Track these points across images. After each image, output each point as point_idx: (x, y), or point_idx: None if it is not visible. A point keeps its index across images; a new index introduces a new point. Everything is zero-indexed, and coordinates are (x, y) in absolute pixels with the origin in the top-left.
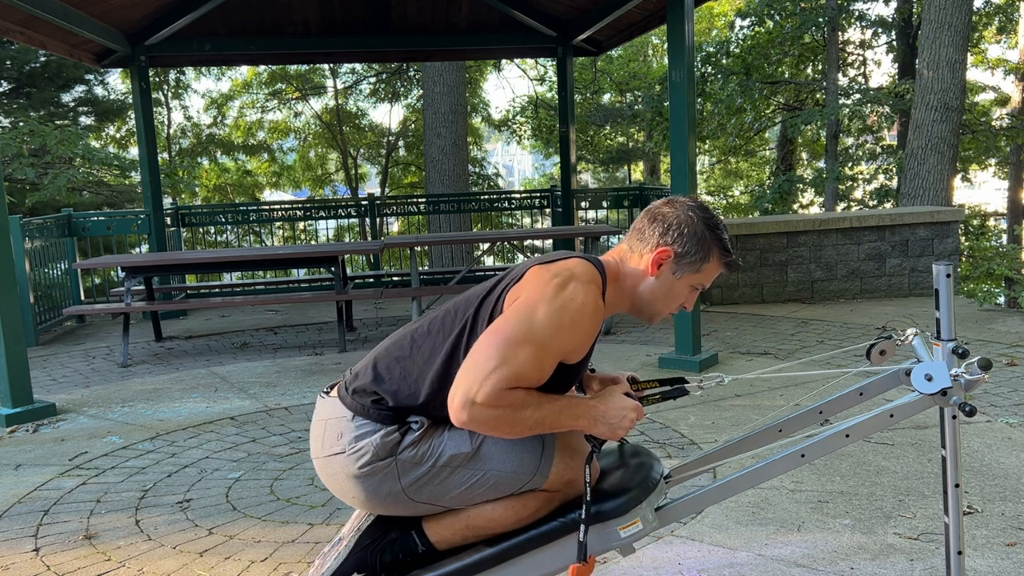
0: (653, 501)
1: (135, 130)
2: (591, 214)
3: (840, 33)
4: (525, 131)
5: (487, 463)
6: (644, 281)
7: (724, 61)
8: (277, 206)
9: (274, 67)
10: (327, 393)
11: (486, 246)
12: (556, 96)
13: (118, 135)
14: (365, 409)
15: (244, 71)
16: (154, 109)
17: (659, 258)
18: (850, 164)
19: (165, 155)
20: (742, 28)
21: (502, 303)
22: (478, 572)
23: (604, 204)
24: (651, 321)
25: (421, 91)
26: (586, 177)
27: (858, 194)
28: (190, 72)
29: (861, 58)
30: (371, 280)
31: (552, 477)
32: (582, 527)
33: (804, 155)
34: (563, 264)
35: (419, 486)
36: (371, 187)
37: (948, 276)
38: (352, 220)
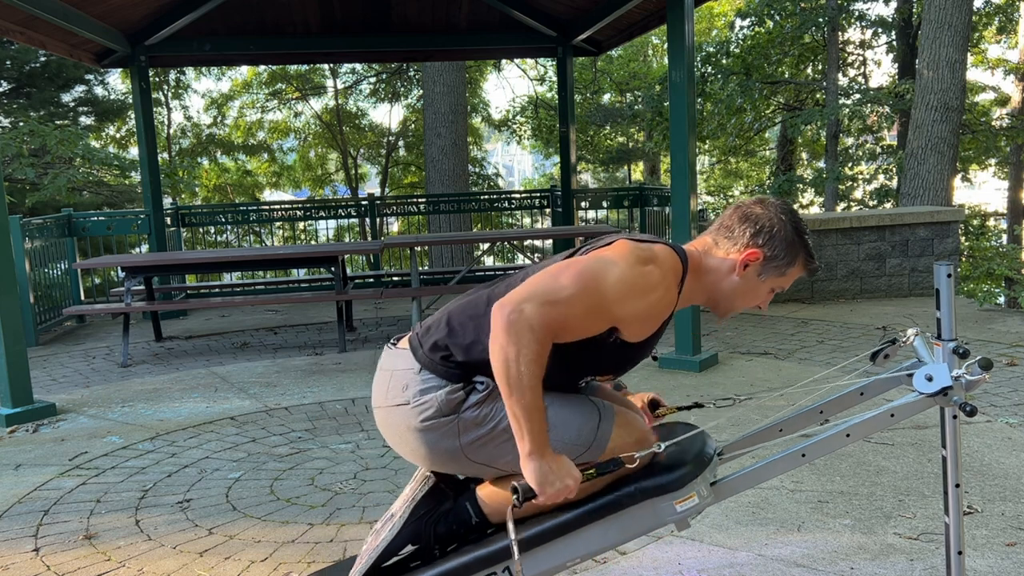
0: (708, 476)
1: (135, 130)
2: (591, 214)
3: (840, 33)
4: (525, 131)
5: (550, 431)
6: (728, 279)
7: (724, 61)
8: (277, 206)
9: (274, 67)
10: (395, 344)
11: (486, 246)
12: (556, 96)
13: (118, 135)
14: (433, 364)
15: (244, 71)
16: (154, 109)
17: (748, 259)
18: (850, 164)
19: (165, 155)
20: (742, 28)
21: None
22: (532, 547)
23: (604, 204)
24: (723, 315)
25: (421, 91)
26: (586, 177)
27: (858, 194)
28: (190, 72)
29: (861, 58)
30: (371, 280)
31: (608, 449)
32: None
33: (804, 155)
34: (651, 246)
35: (477, 447)
36: (371, 187)
37: (949, 276)
38: (352, 220)
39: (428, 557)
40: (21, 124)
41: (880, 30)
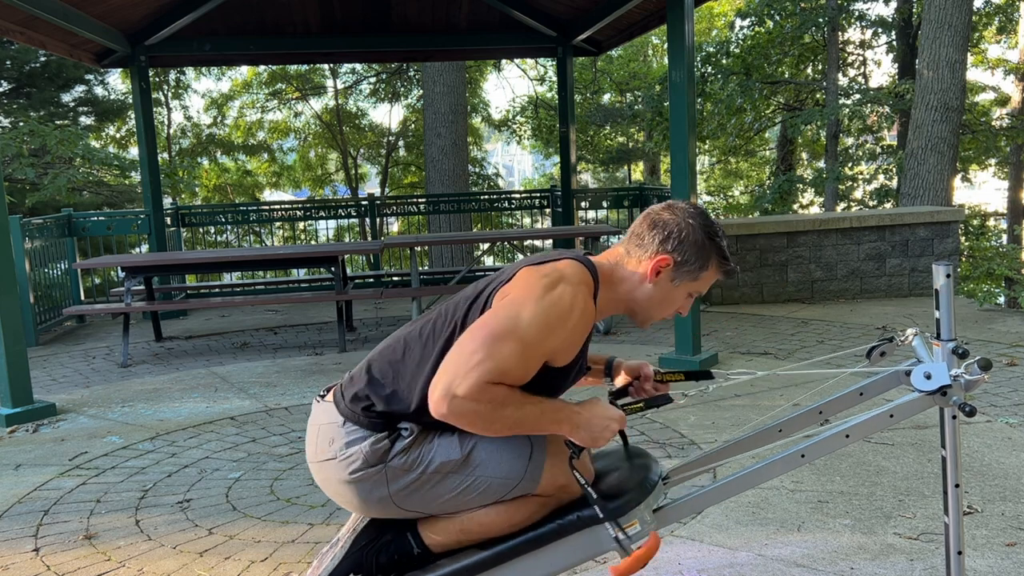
0: (651, 503)
1: (135, 130)
2: (591, 214)
3: (840, 33)
4: (525, 131)
5: (477, 469)
6: (641, 287)
7: (724, 61)
8: (277, 206)
9: (274, 67)
10: (323, 397)
11: (486, 246)
12: (556, 96)
13: (118, 135)
14: (356, 415)
15: (244, 71)
16: (154, 109)
17: (658, 265)
18: (850, 164)
19: (165, 155)
20: (742, 28)
21: (490, 304)
22: (475, 574)
23: (604, 204)
24: (643, 325)
25: (421, 91)
26: (586, 177)
27: (858, 194)
28: (190, 72)
29: (861, 58)
30: (371, 280)
31: (543, 482)
32: (607, 525)
33: (804, 155)
34: (553, 265)
35: (409, 492)
36: (371, 187)
37: (948, 276)
38: (352, 220)
39: None
40: (21, 124)
41: (880, 30)
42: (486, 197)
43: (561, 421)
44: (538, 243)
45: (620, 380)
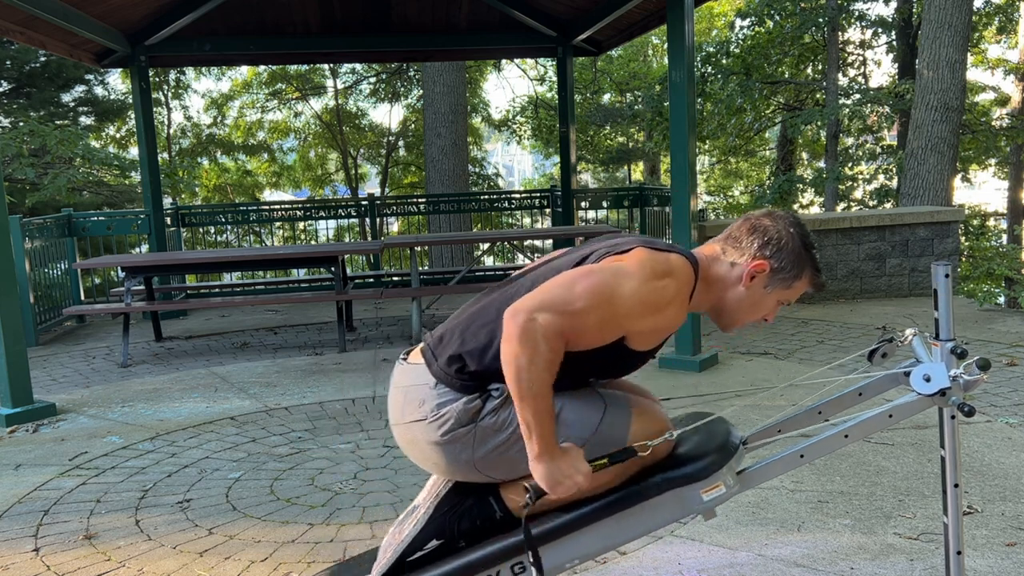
0: (734, 465)
1: (135, 130)
2: (591, 214)
3: (840, 33)
4: (525, 131)
5: (564, 430)
6: (733, 290)
7: (724, 61)
8: (277, 206)
9: (274, 67)
10: (405, 359)
11: (486, 246)
12: (556, 96)
13: (118, 135)
14: (448, 377)
15: (244, 71)
16: (154, 109)
17: (755, 270)
18: (850, 164)
19: (165, 155)
20: (742, 28)
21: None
22: (558, 537)
23: (604, 204)
24: (727, 328)
25: (421, 91)
26: (586, 177)
27: (858, 194)
28: (190, 72)
29: (861, 58)
30: (371, 280)
31: (630, 442)
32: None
33: (804, 155)
34: (667, 256)
35: (499, 453)
36: (371, 187)
37: (947, 276)
38: (352, 220)
39: (453, 551)
40: (21, 124)
41: (880, 30)
42: (486, 197)
43: (546, 437)
44: (538, 243)
45: None
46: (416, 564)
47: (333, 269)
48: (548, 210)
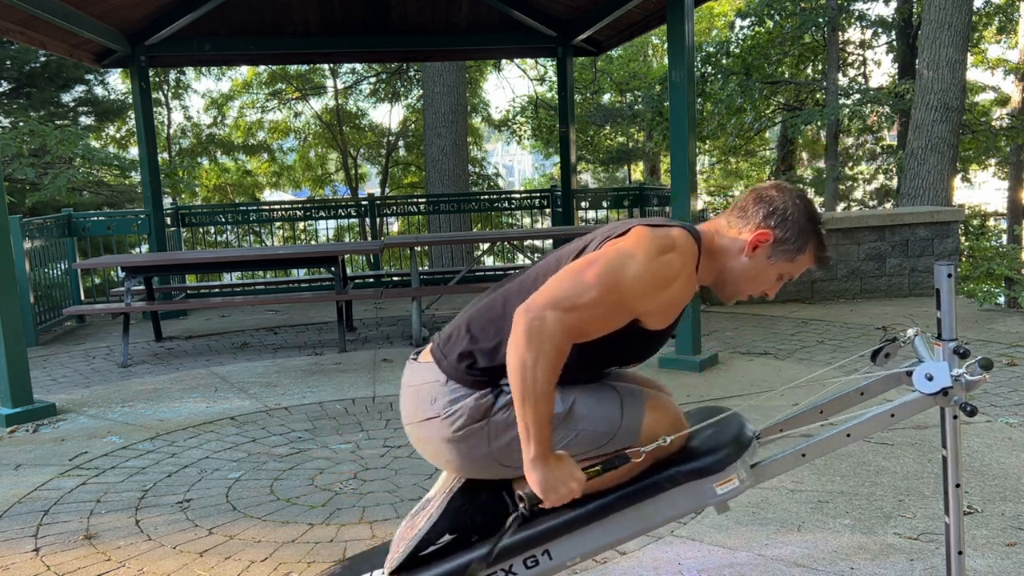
0: (747, 459)
1: (135, 130)
2: (591, 214)
3: (840, 33)
4: (525, 131)
5: (579, 423)
6: (737, 259)
7: (724, 61)
8: (277, 206)
9: (274, 67)
10: (415, 359)
11: (486, 246)
12: (556, 96)
13: (118, 135)
14: (459, 373)
15: (244, 71)
16: (154, 109)
17: (758, 239)
18: (850, 164)
19: (165, 155)
20: (742, 28)
21: (600, 249)
22: (571, 531)
23: (604, 204)
24: (728, 300)
25: (421, 91)
26: (586, 177)
27: (858, 194)
28: (190, 72)
29: (861, 58)
30: (371, 280)
31: (643, 434)
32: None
33: (804, 155)
34: (667, 231)
35: (514, 448)
36: (371, 187)
37: (949, 276)
38: (352, 220)
39: (466, 545)
40: (21, 124)
41: (880, 30)
42: (486, 197)
43: (543, 441)
44: (538, 243)
45: None
46: (429, 558)
47: (333, 269)
48: (548, 210)
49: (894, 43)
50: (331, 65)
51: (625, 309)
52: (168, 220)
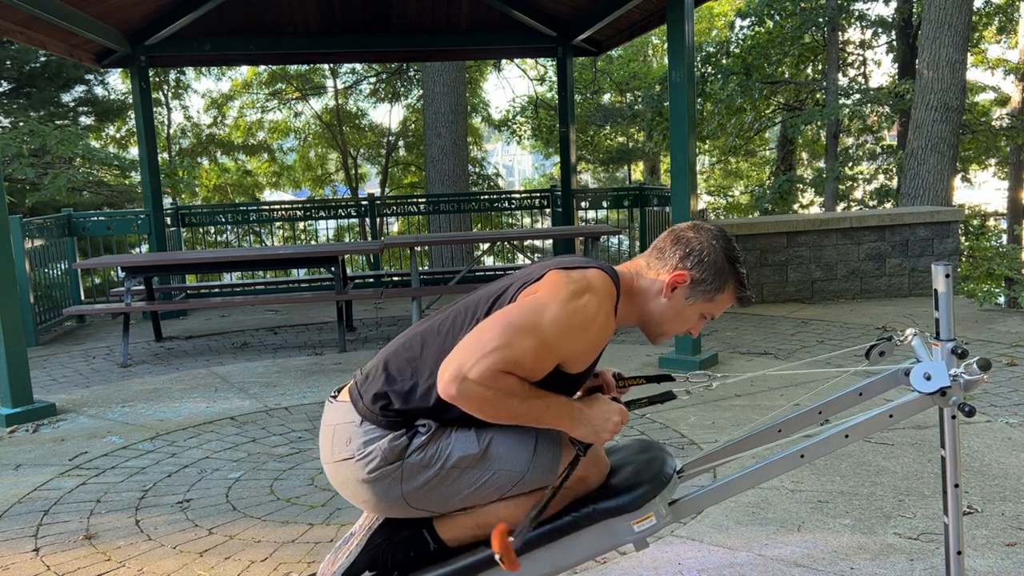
0: (667, 496)
1: (135, 130)
2: (591, 214)
3: (840, 33)
4: (525, 131)
5: (495, 463)
6: (656, 300)
7: (724, 61)
8: (277, 206)
9: (274, 67)
10: (335, 398)
11: (486, 246)
12: (556, 96)
13: (118, 135)
14: (373, 415)
15: (244, 71)
16: (154, 109)
17: (675, 281)
18: (850, 164)
19: (165, 155)
20: (742, 28)
21: (515, 299)
22: (486, 570)
23: (604, 204)
24: (655, 341)
25: (421, 91)
26: (586, 177)
27: (858, 194)
28: (190, 72)
29: (861, 58)
30: (371, 280)
31: (562, 469)
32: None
33: (804, 155)
34: (583, 272)
35: (427, 490)
36: (371, 187)
37: (947, 276)
38: (352, 220)
39: None
40: (21, 124)
41: (880, 30)
42: (486, 197)
43: (563, 416)
44: (538, 243)
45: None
46: None
47: (333, 269)
48: (548, 210)
49: (894, 43)
50: (331, 65)
51: (548, 355)
52: (168, 220)
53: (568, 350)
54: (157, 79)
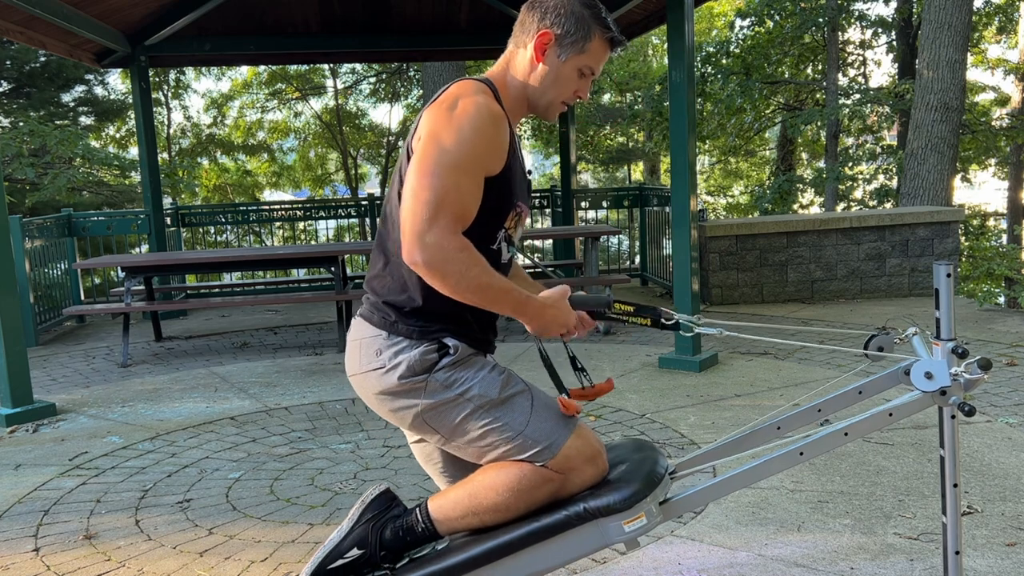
0: (658, 495)
1: (135, 130)
2: (591, 214)
3: (840, 33)
4: (525, 131)
5: (508, 414)
6: (532, 72)
7: (724, 61)
8: (277, 206)
9: (274, 67)
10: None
11: None
12: None
13: (118, 135)
14: (395, 326)
15: (244, 71)
16: (154, 109)
17: (541, 42)
18: (850, 164)
19: (165, 155)
20: (742, 28)
21: (413, 154)
22: (478, 567)
23: (604, 204)
24: (548, 116)
25: (421, 91)
26: (586, 177)
27: (858, 194)
28: (190, 72)
29: (861, 58)
30: None
31: (561, 453)
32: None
33: (804, 155)
34: (446, 92)
35: (441, 411)
36: (371, 187)
37: (948, 276)
38: (352, 220)
39: (373, 563)
40: (21, 124)
41: (880, 30)
42: None
43: (524, 303)
44: (538, 243)
45: None
46: (341, 572)
47: (333, 269)
48: (548, 210)
49: (894, 43)
50: (331, 65)
51: (473, 173)
52: (168, 220)
53: (480, 156)
54: (157, 79)
